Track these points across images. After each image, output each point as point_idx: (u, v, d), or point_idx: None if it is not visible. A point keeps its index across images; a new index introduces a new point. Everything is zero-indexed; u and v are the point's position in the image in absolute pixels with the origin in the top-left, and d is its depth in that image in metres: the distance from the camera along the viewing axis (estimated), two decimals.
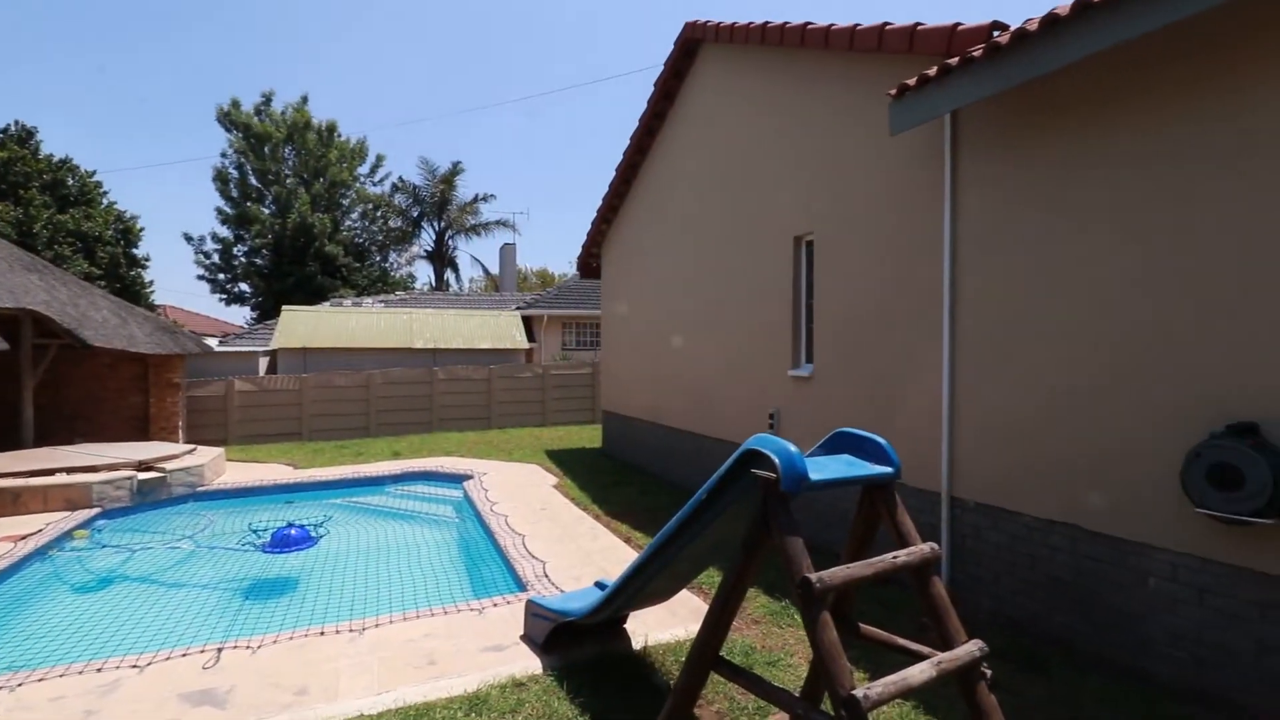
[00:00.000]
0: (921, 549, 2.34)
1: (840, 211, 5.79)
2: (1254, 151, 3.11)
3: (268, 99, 28.90)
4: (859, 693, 1.87)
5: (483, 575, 5.93)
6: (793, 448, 2.22)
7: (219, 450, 9.92)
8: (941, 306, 4.71)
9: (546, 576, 5.24)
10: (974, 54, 3.95)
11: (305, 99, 29.49)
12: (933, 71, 4.25)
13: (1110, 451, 3.70)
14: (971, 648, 2.17)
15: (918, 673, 2.02)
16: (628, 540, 6.23)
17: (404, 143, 61.76)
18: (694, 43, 8.37)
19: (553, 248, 74.16)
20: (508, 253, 28.67)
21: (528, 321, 20.49)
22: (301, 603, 5.34)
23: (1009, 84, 3.79)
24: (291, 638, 4.19)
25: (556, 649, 3.91)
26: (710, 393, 7.96)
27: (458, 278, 36.40)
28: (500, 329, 18.27)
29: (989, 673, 2.18)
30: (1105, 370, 3.73)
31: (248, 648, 4.04)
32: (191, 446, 9.92)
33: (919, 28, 4.78)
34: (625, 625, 4.19)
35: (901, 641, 2.46)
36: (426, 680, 3.62)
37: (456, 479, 9.38)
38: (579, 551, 5.90)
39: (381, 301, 22.14)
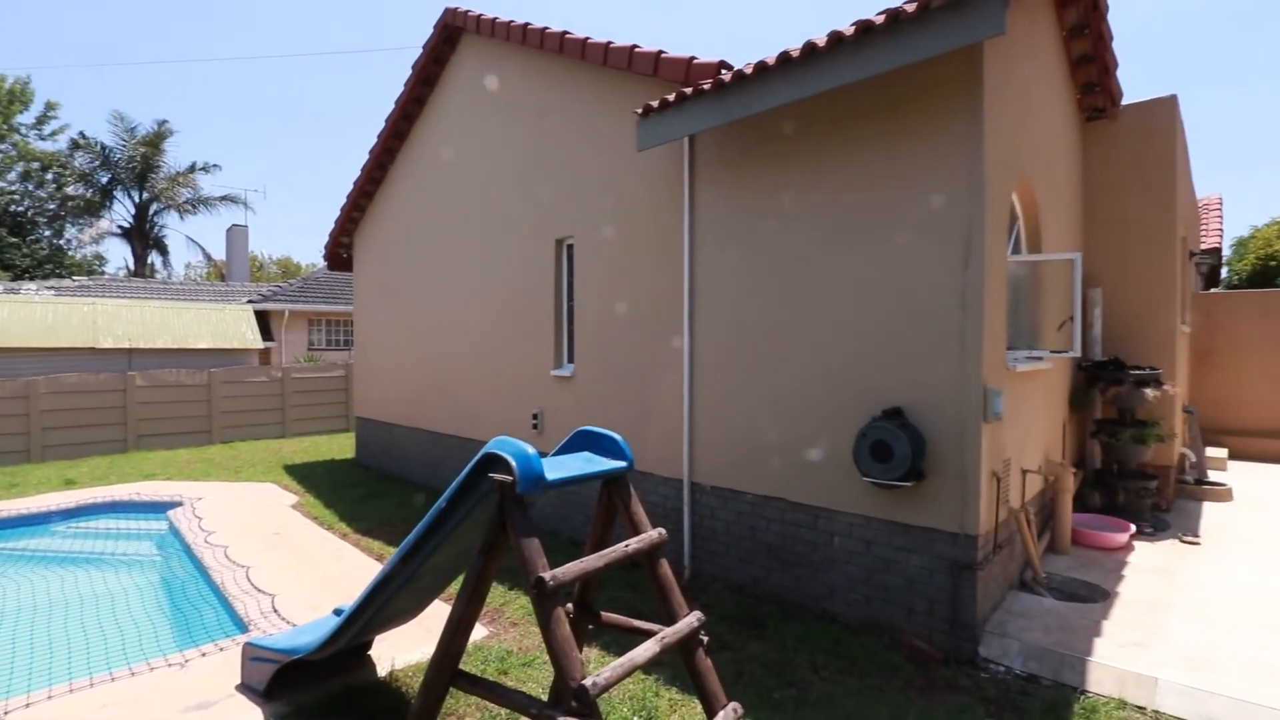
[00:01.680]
0: (651, 535, 2.53)
1: (597, 217, 6.04)
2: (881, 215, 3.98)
3: None
4: (588, 681, 1.95)
5: (190, 621, 4.98)
6: (530, 449, 2.24)
7: None
8: (683, 312, 5.19)
9: (276, 611, 4.58)
10: (704, 87, 4.41)
11: None
12: (672, 97, 4.65)
13: (808, 436, 4.42)
14: (691, 619, 2.41)
15: (643, 651, 2.17)
16: (380, 559, 5.74)
17: (96, 92, 49.38)
18: (455, 30, 8.04)
19: (300, 234, 65.61)
20: (237, 236, 24.62)
21: (264, 317, 17.82)
22: None
23: (731, 117, 4.31)
24: None
25: (283, 694, 3.43)
26: (475, 395, 7.73)
27: (166, 262, 30.23)
28: (226, 325, 15.59)
29: (706, 639, 2.44)
30: (805, 370, 4.44)
31: None
32: None
33: (662, 55, 5.19)
34: (370, 651, 3.85)
35: (635, 623, 2.64)
36: None
37: (159, 508, 7.74)
38: (320, 578, 5.28)
39: (51, 288, 17.37)
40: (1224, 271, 15.23)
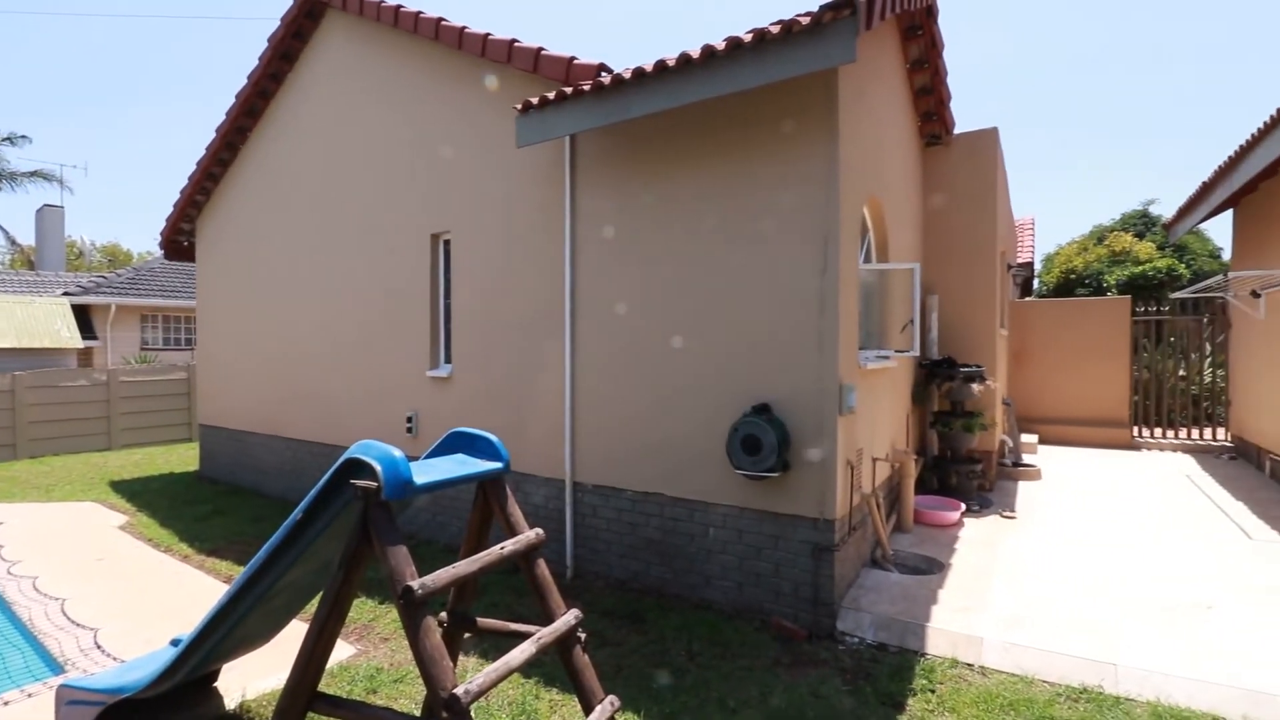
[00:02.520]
0: (528, 536, 2.51)
1: (476, 213, 5.88)
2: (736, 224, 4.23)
3: None
4: (460, 690, 1.91)
5: None
6: (397, 453, 2.14)
7: None
8: (564, 310, 5.18)
9: (99, 647, 4.02)
10: (584, 88, 4.44)
11: None
12: (553, 95, 4.63)
13: (686, 433, 4.59)
14: (568, 618, 2.43)
15: (519, 653, 2.16)
16: (229, 581, 5.21)
17: None
18: (319, 4, 7.47)
19: (132, 218, 57.74)
20: (50, 218, 21.25)
21: (85, 312, 15.54)
22: None
23: (610, 120, 4.37)
24: None
25: None
26: (344, 398, 7.23)
27: None
28: (35, 321, 13.42)
29: (583, 636, 2.47)
30: (681, 368, 4.61)
31: None
32: None
33: (543, 52, 5.15)
34: (216, 683, 3.49)
35: (513, 626, 2.61)
36: None
37: None
38: (155, 607, 4.70)
39: None
40: (1036, 283, 17.67)
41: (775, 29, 3.58)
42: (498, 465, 2.59)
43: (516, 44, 5.32)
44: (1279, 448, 7.76)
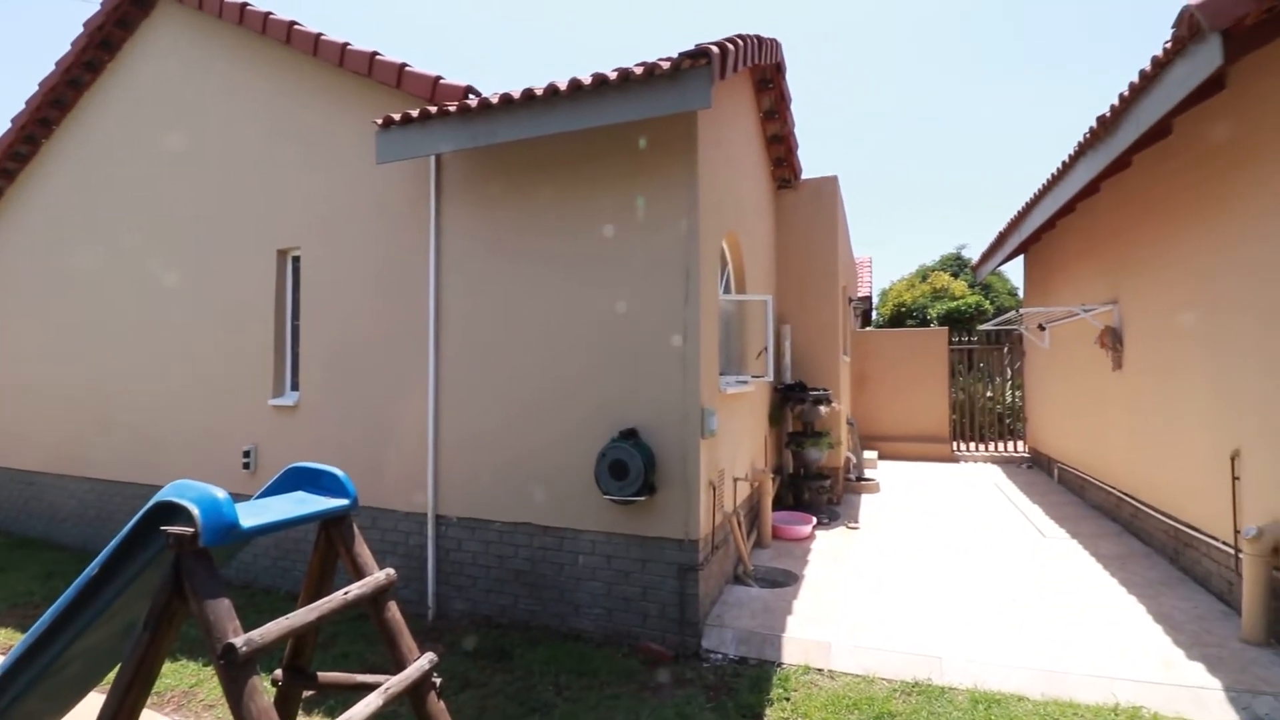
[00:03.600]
0: (377, 577, 2.34)
1: (332, 229, 5.50)
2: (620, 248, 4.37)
3: None
4: None
5: None
6: (219, 493, 1.92)
7: None
8: (428, 335, 4.97)
9: None
10: (450, 108, 4.35)
11: None
12: (416, 113, 4.49)
13: (556, 460, 4.54)
14: (421, 663, 2.28)
15: (363, 708, 1.99)
16: (5, 652, 4.34)
17: None
18: None
19: None
20: None
21: None
22: None
23: (476, 143, 4.31)
24: None
25: None
26: (165, 430, 6.36)
27: None
28: None
29: (438, 681, 2.33)
30: (551, 395, 4.58)
31: None
32: None
33: (406, 68, 4.99)
34: None
35: (360, 678, 2.40)
36: None
37: None
38: None
39: None
40: (874, 315, 19.72)
41: (639, 70, 3.75)
42: (343, 502, 2.40)
43: (379, 57, 5.11)
44: (1062, 457, 9.20)
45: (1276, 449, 4.02)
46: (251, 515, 2.05)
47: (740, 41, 4.29)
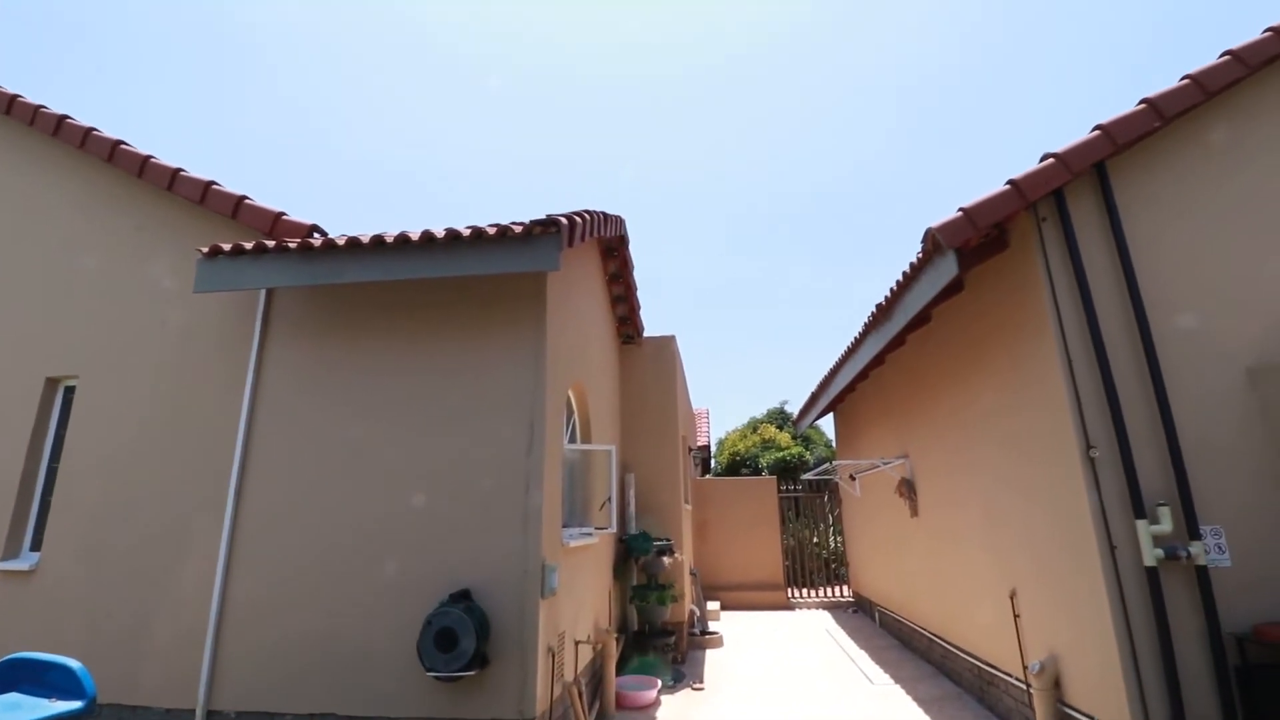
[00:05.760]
0: None
1: (122, 359, 4.82)
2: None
3: None
4: None
5: None
6: None
7: None
8: (229, 483, 4.35)
9: None
10: (290, 245, 4.22)
11: None
12: (250, 245, 4.28)
13: (370, 630, 3.98)
14: None
15: None
16: None
17: None
18: None
19: None
20: None
21: None
22: None
23: (316, 281, 4.18)
24: None
25: None
26: None
27: None
28: None
29: None
30: (375, 551, 4.11)
31: None
32: None
33: (246, 200, 4.84)
34: None
35: None
36: None
37: None
38: None
39: None
40: (712, 463, 20.76)
41: (492, 230, 3.97)
42: (74, 706, 1.87)
43: (214, 185, 4.92)
44: (882, 600, 9.86)
45: (1046, 585, 4.61)
46: None
47: (588, 215, 4.75)
